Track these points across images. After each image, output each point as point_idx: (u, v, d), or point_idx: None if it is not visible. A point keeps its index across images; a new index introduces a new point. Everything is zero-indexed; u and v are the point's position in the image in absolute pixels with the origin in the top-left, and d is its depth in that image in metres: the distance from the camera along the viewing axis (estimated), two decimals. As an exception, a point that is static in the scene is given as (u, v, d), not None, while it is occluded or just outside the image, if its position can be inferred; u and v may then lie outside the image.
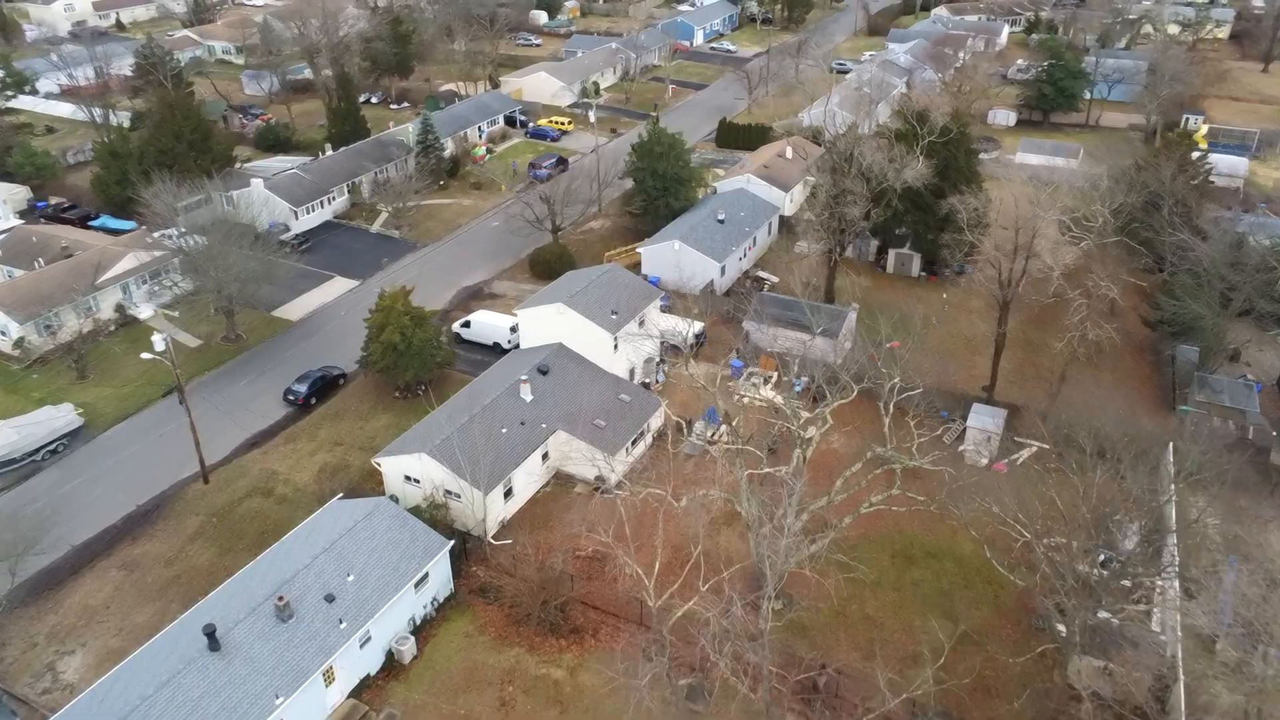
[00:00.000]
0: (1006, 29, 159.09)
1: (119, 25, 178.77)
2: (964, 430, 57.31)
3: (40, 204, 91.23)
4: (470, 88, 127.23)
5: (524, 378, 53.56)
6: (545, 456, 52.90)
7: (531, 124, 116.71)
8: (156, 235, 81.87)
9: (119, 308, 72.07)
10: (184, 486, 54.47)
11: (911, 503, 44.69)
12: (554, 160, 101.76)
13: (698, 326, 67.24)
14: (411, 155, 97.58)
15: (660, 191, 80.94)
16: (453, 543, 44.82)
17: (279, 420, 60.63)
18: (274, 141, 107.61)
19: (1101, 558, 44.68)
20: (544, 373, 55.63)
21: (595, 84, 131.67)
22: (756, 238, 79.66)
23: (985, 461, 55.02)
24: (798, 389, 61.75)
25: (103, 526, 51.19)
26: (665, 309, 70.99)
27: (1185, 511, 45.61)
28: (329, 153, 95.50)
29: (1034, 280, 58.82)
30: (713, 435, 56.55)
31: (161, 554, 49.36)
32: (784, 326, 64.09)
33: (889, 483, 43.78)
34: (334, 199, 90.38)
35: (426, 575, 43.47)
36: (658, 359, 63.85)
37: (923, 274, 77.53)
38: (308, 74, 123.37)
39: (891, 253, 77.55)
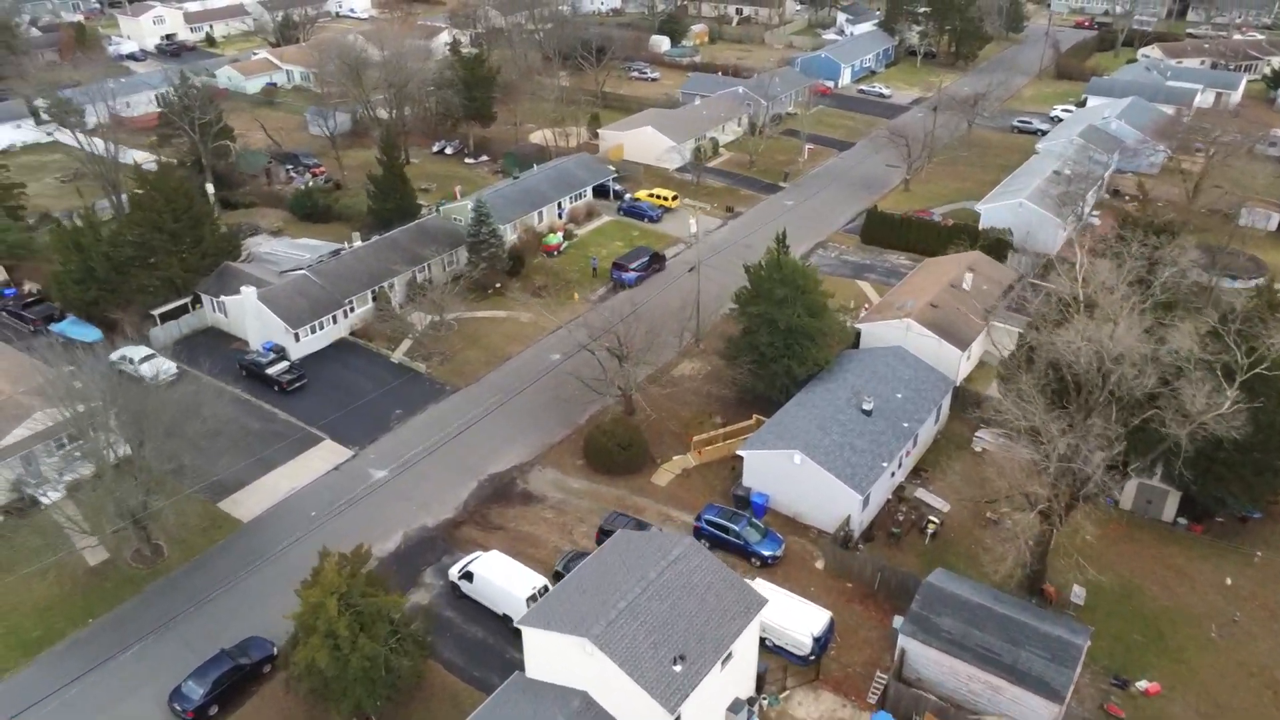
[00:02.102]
0: (1244, 80, 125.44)
1: (209, 40, 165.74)
2: None
3: (9, 290, 73.98)
4: (563, 137, 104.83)
5: (502, 809, 30.08)
6: None
7: (627, 196, 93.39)
8: (116, 358, 63.21)
9: (16, 486, 52.62)
10: None
11: None
12: (646, 258, 78.09)
13: (820, 620, 42.26)
14: (462, 249, 75.80)
15: (781, 351, 55.96)
16: None
17: (151, 748, 39.28)
18: (310, 209, 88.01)
19: None
20: (546, 772, 32.06)
21: (713, 142, 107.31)
22: (918, 435, 53.74)
23: None
24: (989, 791, 36.13)
25: None
26: (770, 561, 46.51)
27: None
28: (356, 243, 74.52)
29: None
30: None
31: None
32: (969, 659, 38.40)
33: None
34: (352, 310, 69.38)
35: None
36: (748, 698, 39.19)
37: (1181, 520, 49.90)
38: (382, 113, 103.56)
39: (1134, 482, 50.18)
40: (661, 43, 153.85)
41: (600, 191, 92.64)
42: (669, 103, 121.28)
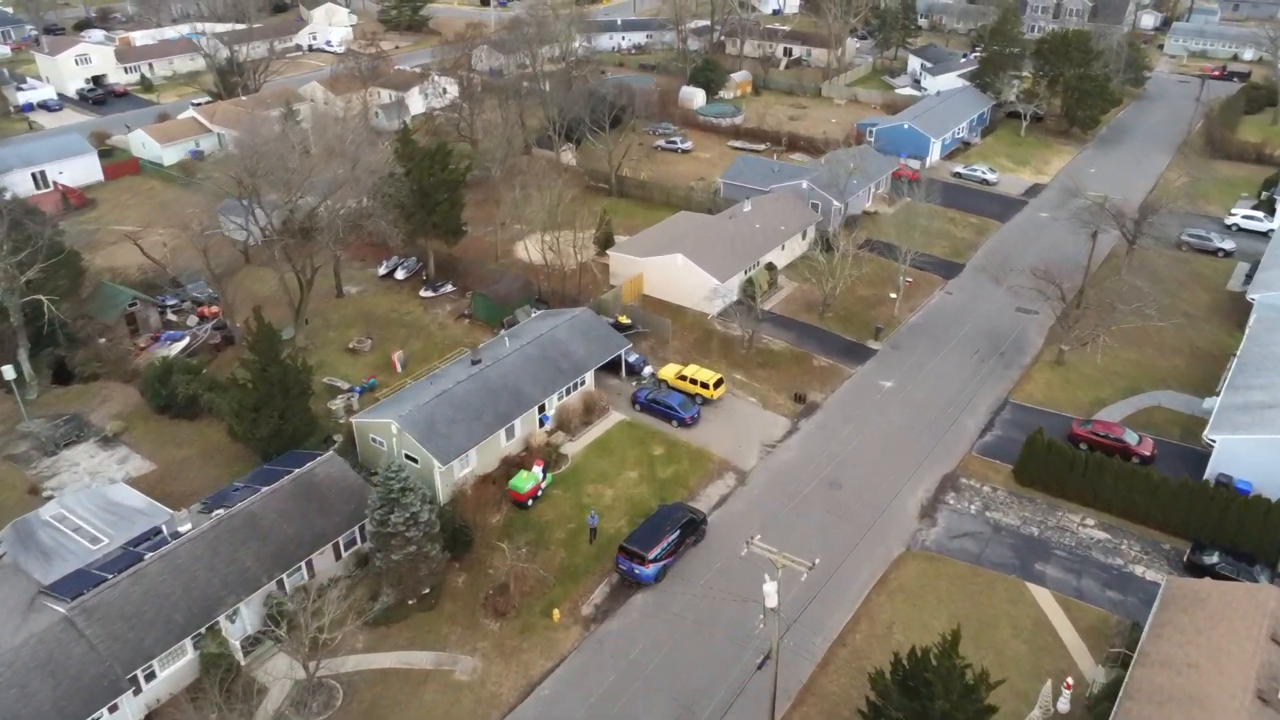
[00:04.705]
0: None
1: (144, 84, 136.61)
2: None
3: None
4: (560, 252, 74.01)
5: None
6: None
7: (648, 371, 62.88)
8: None
9: None
10: None
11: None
12: (675, 534, 47.03)
13: None
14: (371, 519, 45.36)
15: None
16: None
17: None
18: (168, 400, 58.07)
19: None
20: None
21: (769, 269, 76.33)
22: None
23: None
24: None
25: None
26: None
27: None
28: (185, 526, 43.81)
29: None
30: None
31: None
32: None
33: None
34: (153, 677, 39.13)
35: None
36: None
37: None
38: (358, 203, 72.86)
39: None
40: (694, 96, 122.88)
41: (609, 368, 62.11)
42: (704, 195, 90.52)
